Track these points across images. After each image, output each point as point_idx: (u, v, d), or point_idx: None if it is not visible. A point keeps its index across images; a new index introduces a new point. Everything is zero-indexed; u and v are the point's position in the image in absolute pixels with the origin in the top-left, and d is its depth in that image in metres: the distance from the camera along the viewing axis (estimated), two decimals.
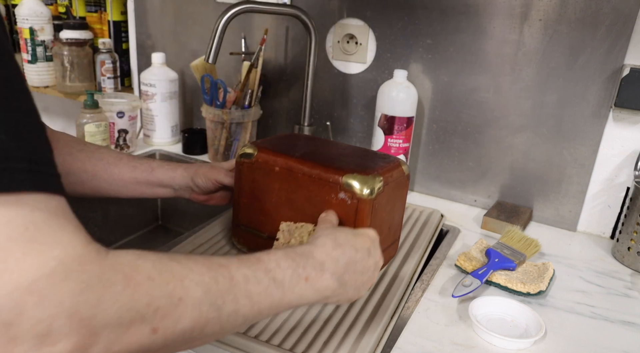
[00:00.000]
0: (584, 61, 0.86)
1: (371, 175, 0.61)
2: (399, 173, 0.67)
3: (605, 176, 0.90)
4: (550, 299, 0.71)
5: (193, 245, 0.76)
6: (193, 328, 0.37)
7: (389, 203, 0.66)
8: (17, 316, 0.29)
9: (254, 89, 1.09)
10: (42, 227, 0.31)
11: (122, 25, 1.36)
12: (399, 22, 0.99)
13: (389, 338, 0.60)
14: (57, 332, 0.30)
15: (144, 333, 0.33)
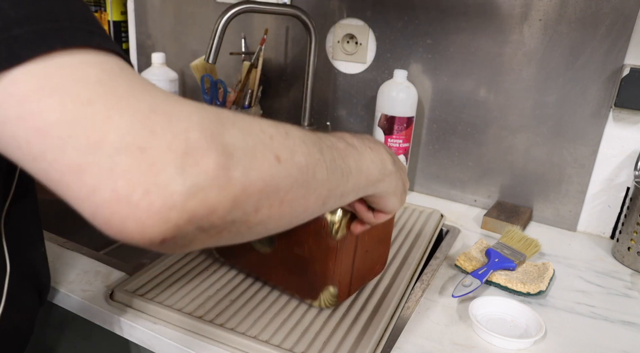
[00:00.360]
0: (584, 61, 0.86)
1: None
2: None
3: (605, 176, 0.90)
4: (550, 299, 0.71)
5: None
6: (307, 166, 0.35)
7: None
8: (149, 137, 0.27)
9: (254, 89, 1.09)
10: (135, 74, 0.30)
11: (122, 25, 1.36)
12: (399, 22, 0.99)
13: (389, 338, 0.60)
14: (195, 147, 0.28)
15: (270, 160, 0.32)
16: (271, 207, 0.32)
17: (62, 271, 0.69)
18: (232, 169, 0.29)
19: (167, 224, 0.27)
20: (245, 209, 0.31)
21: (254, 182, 0.30)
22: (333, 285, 0.59)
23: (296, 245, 0.60)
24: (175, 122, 0.28)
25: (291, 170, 0.33)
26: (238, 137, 0.30)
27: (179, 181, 0.27)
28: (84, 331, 0.69)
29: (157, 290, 0.64)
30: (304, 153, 0.35)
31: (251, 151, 0.31)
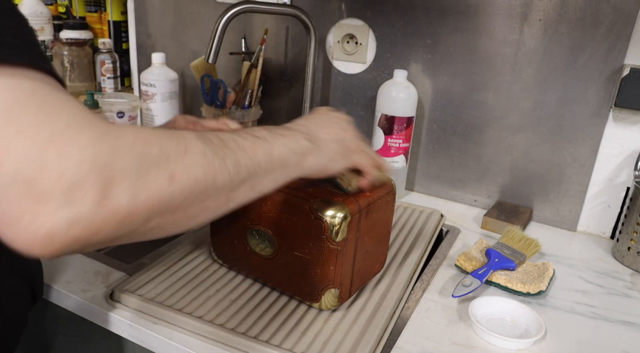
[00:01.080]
0: (584, 61, 0.86)
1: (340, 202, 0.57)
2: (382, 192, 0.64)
3: (605, 176, 0.90)
4: (550, 299, 0.71)
5: (193, 244, 0.76)
6: (206, 177, 0.37)
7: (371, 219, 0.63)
8: (40, 170, 0.29)
9: (254, 89, 1.09)
10: (48, 94, 0.32)
11: (122, 25, 1.36)
12: (399, 22, 0.99)
13: (389, 338, 0.60)
14: (83, 182, 0.30)
15: (163, 180, 0.34)
16: (162, 218, 0.35)
17: (62, 271, 0.69)
18: (118, 197, 0.31)
19: (52, 247, 0.30)
20: (133, 225, 0.33)
21: (143, 203, 0.33)
22: (334, 286, 0.59)
23: (297, 248, 0.60)
24: (67, 156, 0.30)
25: (185, 185, 0.36)
26: (131, 163, 0.32)
27: (62, 213, 0.30)
28: (84, 331, 0.69)
29: (157, 290, 0.64)
30: (202, 166, 0.37)
31: (143, 174, 0.33)
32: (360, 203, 0.59)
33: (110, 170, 0.31)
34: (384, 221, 0.66)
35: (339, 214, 0.56)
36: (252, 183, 0.43)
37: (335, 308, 0.63)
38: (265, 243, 0.63)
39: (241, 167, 0.41)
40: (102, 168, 0.31)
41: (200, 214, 0.39)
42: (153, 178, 0.33)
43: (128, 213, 0.32)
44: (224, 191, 0.40)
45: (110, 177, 0.31)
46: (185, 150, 0.36)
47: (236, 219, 0.65)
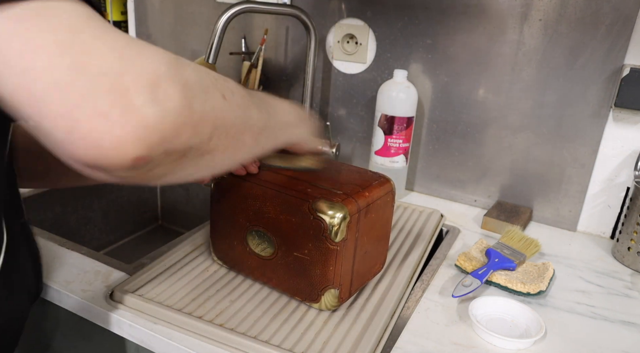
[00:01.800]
0: (584, 61, 0.86)
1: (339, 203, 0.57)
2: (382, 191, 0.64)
3: (605, 176, 0.90)
4: (550, 299, 0.71)
5: (193, 244, 0.76)
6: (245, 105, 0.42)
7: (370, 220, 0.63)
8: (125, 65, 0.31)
9: (254, 89, 1.09)
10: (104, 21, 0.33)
11: (122, 25, 1.36)
12: (399, 22, 0.99)
13: (389, 338, 0.60)
14: (164, 79, 0.32)
15: (218, 97, 0.37)
16: (219, 138, 0.38)
17: (62, 271, 0.69)
18: (193, 101, 0.34)
19: (142, 142, 0.31)
20: (201, 136, 0.35)
21: (208, 113, 0.36)
22: (334, 287, 0.59)
23: (296, 249, 0.60)
24: (146, 57, 0.32)
25: (233, 107, 0.40)
26: (194, 76, 0.35)
27: (152, 106, 0.31)
28: (84, 331, 0.69)
29: (157, 290, 0.64)
30: (241, 95, 0.42)
31: (204, 88, 0.36)
32: (359, 203, 0.59)
33: (183, 77, 0.34)
34: (383, 221, 0.66)
35: (338, 214, 0.56)
36: (270, 131, 0.47)
37: (335, 309, 0.63)
38: (265, 243, 0.63)
39: (265, 111, 0.46)
40: (177, 73, 0.33)
41: (241, 148, 0.42)
42: (212, 93, 0.37)
43: (201, 118, 0.34)
44: (256, 129, 0.44)
45: (185, 82, 0.34)
46: (225, 79, 0.40)
47: (236, 220, 0.65)
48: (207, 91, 0.36)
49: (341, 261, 0.58)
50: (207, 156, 0.38)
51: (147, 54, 0.33)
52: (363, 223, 0.60)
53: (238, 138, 0.41)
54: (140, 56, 0.32)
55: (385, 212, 0.65)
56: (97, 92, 0.30)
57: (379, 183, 0.64)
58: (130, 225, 1.16)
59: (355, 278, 0.63)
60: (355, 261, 0.61)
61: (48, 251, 0.73)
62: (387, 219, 0.67)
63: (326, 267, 0.58)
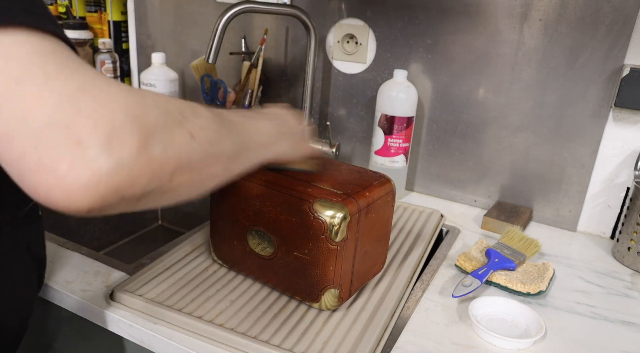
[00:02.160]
0: (584, 61, 0.86)
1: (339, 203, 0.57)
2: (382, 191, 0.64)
3: (605, 176, 0.90)
4: (550, 299, 0.71)
5: (193, 245, 0.76)
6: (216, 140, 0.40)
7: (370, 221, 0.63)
8: (76, 115, 0.29)
9: (254, 89, 1.09)
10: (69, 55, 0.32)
11: (122, 25, 1.36)
12: (399, 22, 0.99)
13: (389, 338, 0.60)
14: (120, 128, 0.30)
15: (185, 136, 0.36)
16: (183, 175, 0.36)
17: (62, 271, 0.69)
18: (152, 147, 0.32)
19: (95, 195, 0.30)
20: (161, 180, 0.34)
21: (171, 157, 0.34)
22: (334, 286, 0.59)
23: (296, 248, 0.60)
24: (102, 104, 0.30)
25: (202, 144, 0.38)
26: (159, 118, 0.34)
27: (105, 158, 0.29)
28: (84, 331, 0.69)
29: (157, 290, 0.64)
30: (213, 130, 0.40)
31: (169, 130, 0.34)
32: (359, 203, 0.59)
33: (143, 121, 0.32)
34: (383, 221, 0.66)
35: (339, 214, 0.56)
36: (244, 157, 0.46)
37: (335, 308, 0.63)
38: (265, 243, 0.63)
39: (239, 137, 0.44)
40: (136, 118, 0.31)
41: (208, 180, 0.40)
42: (177, 134, 0.35)
43: (160, 164, 0.33)
44: (229, 159, 0.42)
45: (145, 128, 0.32)
46: (197, 113, 0.39)
47: (236, 220, 0.65)
48: (172, 132, 0.34)
49: (341, 261, 0.58)
50: (170, 193, 0.36)
51: (104, 98, 0.31)
52: (363, 223, 0.60)
53: (205, 171, 0.39)
54: (95, 102, 0.30)
55: (385, 212, 0.65)
56: (42, 146, 0.28)
57: (379, 183, 0.64)
58: (130, 225, 1.16)
59: (355, 278, 0.63)
60: (355, 261, 0.61)
61: (48, 251, 0.73)
62: (387, 219, 0.67)
63: (326, 267, 0.58)
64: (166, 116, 0.35)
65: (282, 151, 0.55)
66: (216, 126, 0.41)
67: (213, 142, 0.39)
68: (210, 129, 0.39)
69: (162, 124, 0.34)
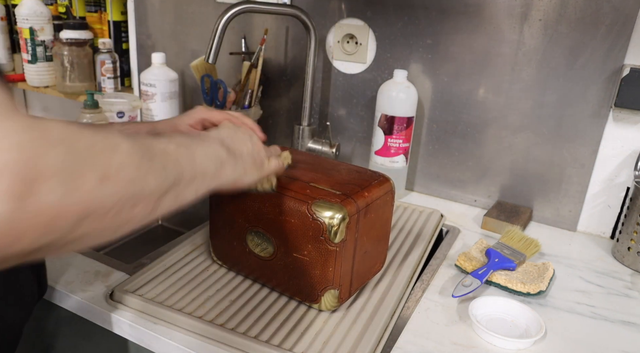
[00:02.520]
0: (584, 61, 0.86)
1: (338, 203, 0.57)
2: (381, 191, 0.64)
3: (605, 176, 0.90)
4: (550, 299, 0.71)
5: (193, 244, 0.76)
6: (137, 179, 0.35)
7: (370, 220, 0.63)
8: None
9: (254, 89, 1.09)
10: None
11: (122, 25, 1.36)
12: (399, 22, 0.99)
13: (389, 338, 0.60)
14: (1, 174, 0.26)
15: (95, 179, 0.30)
16: (92, 224, 0.31)
17: (62, 271, 0.69)
18: (45, 195, 0.27)
19: None
20: (60, 231, 0.29)
21: (73, 204, 0.29)
22: (334, 287, 0.59)
23: (296, 250, 0.60)
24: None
25: (117, 187, 0.33)
26: (61, 158, 0.29)
27: None
28: (84, 331, 0.69)
29: (157, 290, 0.64)
30: (133, 166, 0.35)
31: (75, 171, 0.29)
32: (358, 203, 0.59)
33: (36, 163, 0.27)
34: (383, 221, 0.66)
35: (337, 215, 0.56)
36: (176, 191, 0.41)
37: (335, 309, 0.63)
38: (265, 244, 0.63)
39: (168, 172, 0.39)
40: (27, 160, 0.26)
41: (128, 222, 0.35)
42: (84, 176, 0.30)
43: (56, 215, 0.28)
44: (153, 197, 0.37)
45: (36, 171, 0.27)
46: (115, 148, 0.33)
47: (235, 221, 0.65)
48: (78, 175, 0.29)
49: (341, 262, 0.58)
50: (76, 243, 0.32)
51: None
52: (362, 223, 0.60)
53: (123, 214, 0.34)
54: None
55: (384, 212, 0.65)
56: None
57: (378, 183, 0.64)
58: None
59: (355, 278, 0.63)
60: (355, 261, 0.61)
61: None
62: (387, 219, 0.67)
63: (326, 268, 0.58)
64: (72, 154, 0.29)
65: (231, 177, 0.51)
66: (138, 161, 0.35)
67: (133, 180, 0.34)
68: (130, 166, 0.34)
69: (64, 165, 0.28)
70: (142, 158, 0.36)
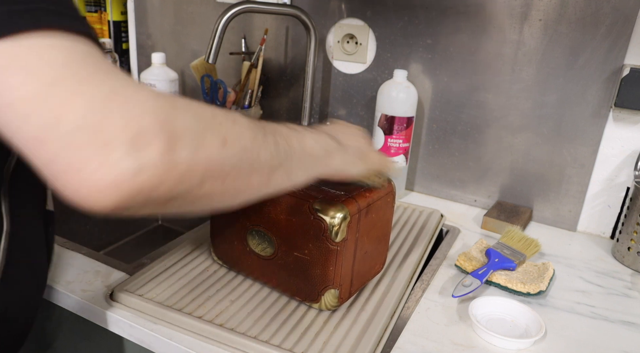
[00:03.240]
0: (584, 61, 0.86)
1: (339, 203, 0.57)
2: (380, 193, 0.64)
3: (605, 176, 0.90)
4: (550, 299, 0.71)
5: (193, 244, 0.76)
6: (252, 148, 0.39)
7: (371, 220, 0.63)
8: (105, 118, 0.30)
9: (254, 89, 1.09)
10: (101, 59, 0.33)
11: (122, 25, 1.36)
12: (399, 22, 0.99)
13: (389, 338, 0.60)
14: (147, 132, 0.31)
15: (217, 142, 0.35)
16: (214, 183, 0.36)
17: (62, 271, 0.69)
18: (179, 151, 0.32)
19: (117, 196, 0.31)
20: (189, 184, 0.34)
21: (199, 162, 0.34)
22: (334, 287, 0.59)
23: (297, 249, 0.60)
24: (131, 107, 0.31)
25: (236, 152, 0.37)
26: (189, 121, 0.34)
27: (129, 161, 0.30)
28: (84, 331, 0.69)
29: (157, 290, 0.64)
30: (249, 137, 0.39)
31: (201, 134, 0.34)
32: (359, 203, 0.59)
33: (172, 124, 0.32)
34: (383, 222, 0.66)
35: (339, 214, 0.56)
36: (287, 168, 0.44)
37: (335, 309, 0.63)
38: (265, 243, 0.63)
39: (280, 148, 0.43)
40: (164, 121, 0.32)
41: (245, 190, 0.40)
42: (209, 139, 0.35)
43: (188, 168, 0.33)
44: (266, 169, 0.41)
45: (173, 131, 0.32)
46: (233, 120, 0.38)
47: (236, 220, 0.65)
48: (202, 138, 0.34)
49: (341, 262, 0.58)
50: (202, 200, 0.36)
51: (133, 102, 0.32)
52: (363, 223, 0.60)
53: (241, 180, 0.39)
54: (125, 104, 0.31)
55: (385, 212, 0.65)
56: (71, 149, 0.30)
57: None
58: (130, 225, 1.16)
59: (355, 278, 0.63)
60: (355, 261, 0.61)
61: None
62: (388, 219, 0.67)
63: (326, 267, 0.58)
64: (197, 120, 0.35)
65: (338, 165, 0.53)
66: (254, 134, 0.40)
67: (249, 150, 0.39)
68: (246, 137, 0.39)
69: (191, 128, 0.34)
70: (258, 132, 0.41)
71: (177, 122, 0.33)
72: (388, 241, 0.69)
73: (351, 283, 0.62)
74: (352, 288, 0.63)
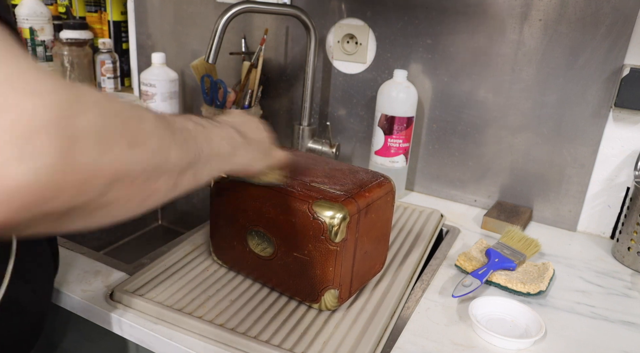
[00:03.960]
0: (584, 61, 0.86)
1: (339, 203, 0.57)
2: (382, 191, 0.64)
3: (605, 176, 0.90)
4: (550, 299, 0.71)
5: (193, 244, 0.76)
6: (161, 150, 0.35)
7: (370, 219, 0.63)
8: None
9: (254, 89, 1.09)
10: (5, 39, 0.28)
11: (122, 25, 1.36)
12: (399, 22, 0.99)
13: (389, 338, 0.60)
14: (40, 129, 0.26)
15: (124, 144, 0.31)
16: (120, 189, 0.32)
17: (62, 271, 0.69)
18: (82, 154, 0.28)
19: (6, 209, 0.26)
20: (90, 193, 0.30)
21: (103, 166, 0.29)
22: (334, 287, 0.59)
23: (296, 249, 0.60)
24: (26, 99, 0.25)
25: (144, 154, 0.33)
26: (93, 121, 0.29)
27: (19, 164, 0.25)
28: (84, 331, 0.69)
29: (157, 290, 0.64)
30: (158, 136, 0.35)
31: (105, 136, 0.30)
32: (359, 203, 0.59)
33: (74, 122, 0.27)
34: (383, 222, 0.66)
35: (338, 215, 0.56)
36: (195, 169, 0.41)
37: (335, 309, 0.63)
38: (265, 243, 0.63)
39: (189, 147, 0.40)
40: (63, 118, 0.26)
41: (152, 195, 0.36)
42: (116, 140, 0.30)
43: (91, 174, 0.29)
44: (174, 172, 0.38)
45: (75, 130, 0.27)
46: (142, 117, 0.34)
47: (236, 220, 0.65)
48: (108, 141, 0.30)
49: (341, 262, 0.58)
50: (103, 210, 0.32)
51: (30, 93, 0.26)
52: (363, 223, 0.60)
53: (148, 185, 0.35)
54: (18, 97, 0.25)
55: (385, 212, 0.65)
56: None
57: (378, 183, 0.64)
58: (130, 225, 1.16)
59: (355, 278, 0.63)
60: (355, 261, 0.61)
61: None
62: (387, 219, 0.67)
63: (326, 267, 0.58)
64: (103, 119, 0.29)
65: (243, 161, 0.52)
66: (162, 133, 0.36)
67: (157, 151, 0.35)
68: (156, 136, 0.35)
69: (96, 127, 0.29)
70: (166, 130, 0.37)
71: (79, 120, 0.27)
72: (388, 241, 0.69)
73: (351, 283, 0.62)
74: (352, 288, 0.63)
